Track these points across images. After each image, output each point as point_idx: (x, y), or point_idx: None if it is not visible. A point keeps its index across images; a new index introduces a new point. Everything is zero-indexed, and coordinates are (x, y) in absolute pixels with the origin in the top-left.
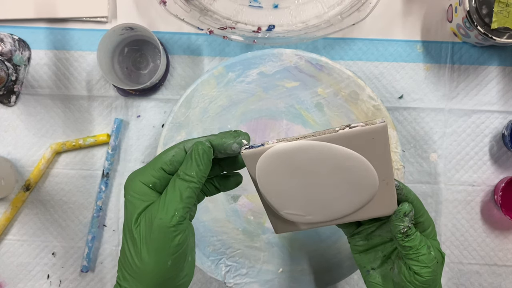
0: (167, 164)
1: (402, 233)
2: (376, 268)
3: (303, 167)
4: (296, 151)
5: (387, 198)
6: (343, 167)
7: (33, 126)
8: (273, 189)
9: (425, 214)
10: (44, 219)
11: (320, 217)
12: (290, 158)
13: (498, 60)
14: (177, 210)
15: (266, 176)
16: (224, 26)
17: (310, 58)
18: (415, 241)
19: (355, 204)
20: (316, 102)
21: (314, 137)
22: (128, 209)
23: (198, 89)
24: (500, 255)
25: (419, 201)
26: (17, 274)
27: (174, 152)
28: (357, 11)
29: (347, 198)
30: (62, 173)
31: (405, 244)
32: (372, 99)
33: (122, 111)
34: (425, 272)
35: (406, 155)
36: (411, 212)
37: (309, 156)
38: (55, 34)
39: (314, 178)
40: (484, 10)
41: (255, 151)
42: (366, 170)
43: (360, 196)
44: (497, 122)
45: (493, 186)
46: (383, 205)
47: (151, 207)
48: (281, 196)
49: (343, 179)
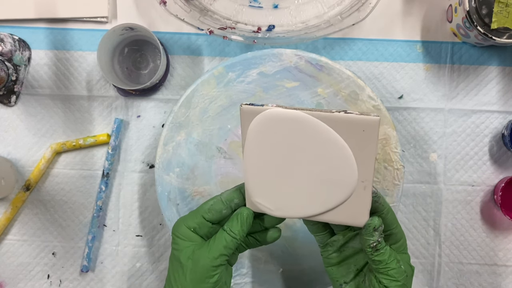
0: (206, 212)
1: (372, 247)
2: (348, 282)
3: (290, 141)
4: (289, 120)
5: (361, 205)
6: (328, 152)
7: (33, 126)
8: (255, 162)
9: (398, 226)
10: (44, 219)
11: (290, 213)
12: (282, 125)
13: (498, 60)
14: (220, 255)
15: (255, 139)
16: (224, 26)
17: (310, 58)
18: (385, 256)
19: (328, 202)
20: (316, 102)
21: (310, 111)
22: (177, 246)
23: (198, 89)
24: (500, 255)
25: (393, 213)
26: (17, 274)
27: (212, 202)
28: (357, 11)
29: (321, 193)
30: (62, 173)
31: (375, 258)
32: (372, 99)
33: (122, 111)
34: (394, 285)
35: (406, 155)
36: (381, 227)
37: (299, 129)
38: (55, 34)
39: (297, 158)
40: (484, 10)
41: (254, 109)
42: (348, 163)
43: (335, 193)
44: (497, 122)
45: (493, 186)
46: (356, 212)
47: (199, 249)
48: (259, 176)
49: (323, 168)
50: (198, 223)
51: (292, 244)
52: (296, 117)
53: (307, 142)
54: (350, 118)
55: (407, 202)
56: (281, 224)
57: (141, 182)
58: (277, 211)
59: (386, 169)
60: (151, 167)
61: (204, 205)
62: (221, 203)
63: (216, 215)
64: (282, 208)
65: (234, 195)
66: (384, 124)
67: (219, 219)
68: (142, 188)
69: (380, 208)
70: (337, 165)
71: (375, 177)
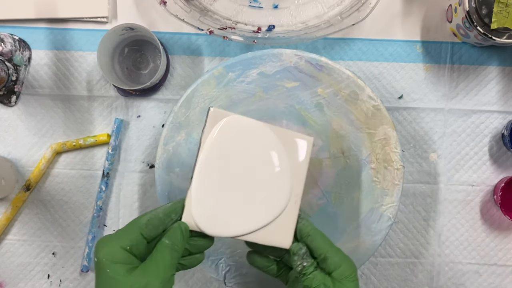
0: (143, 228)
1: (298, 271)
2: None
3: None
4: (246, 129)
5: (288, 225)
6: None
7: (34, 126)
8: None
9: (333, 251)
10: (44, 219)
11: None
12: (239, 134)
13: (498, 60)
14: (171, 275)
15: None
16: (224, 26)
17: (310, 58)
18: (311, 281)
19: (262, 218)
20: (316, 102)
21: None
22: (112, 274)
23: (198, 89)
24: (500, 255)
25: (323, 236)
26: (17, 274)
27: (149, 217)
28: (357, 11)
29: (257, 208)
30: (62, 173)
31: (304, 283)
32: (372, 99)
33: (122, 111)
34: None
35: (406, 155)
36: (300, 251)
37: (252, 139)
38: (56, 34)
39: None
40: (483, 10)
41: (221, 113)
42: (285, 176)
43: (270, 208)
44: (496, 122)
45: (492, 186)
46: (282, 233)
47: (142, 274)
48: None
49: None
50: (134, 241)
51: None
52: (252, 126)
53: (256, 153)
54: (290, 134)
55: (407, 202)
56: None
57: (141, 182)
58: (212, 229)
59: (386, 169)
60: (151, 167)
61: (139, 220)
62: (158, 219)
63: (154, 231)
64: (217, 225)
65: (171, 210)
66: (384, 124)
67: (154, 236)
68: (142, 188)
69: (304, 230)
70: (276, 179)
71: (375, 177)
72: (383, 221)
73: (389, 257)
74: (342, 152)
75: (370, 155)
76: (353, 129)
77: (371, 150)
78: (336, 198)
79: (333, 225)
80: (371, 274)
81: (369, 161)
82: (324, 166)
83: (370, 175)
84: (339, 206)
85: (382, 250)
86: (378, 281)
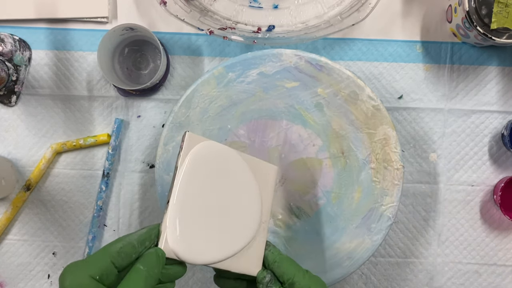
0: (115, 256)
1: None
2: None
3: (215, 177)
4: (220, 155)
5: (257, 252)
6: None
7: (34, 126)
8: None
9: (298, 276)
10: (44, 219)
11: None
12: (213, 160)
13: (498, 60)
14: None
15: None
16: (224, 26)
17: (310, 58)
18: None
19: (234, 245)
20: (316, 102)
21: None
22: None
23: (198, 89)
24: (500, 255)
25: (290, 261)
26: (17, 274)
27: (121, 245)
28: (357, 11)
29: (230, 235)
30: (62, 173)
31: None
32: (371, 99)
33: (123, 111)
34: None
35: (406, 155)
36: (264, 280)
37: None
38: (56, 34)
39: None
40: (483, 10)
41: (198, 137)
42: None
43: (241, 235)
44: (496, 122)
45: (492, 186)
46: (251, 260)
47: None
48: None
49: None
50: (105, 270)
51: (292, 244)
52: (225, 153)
53: (228, 180)
54: (258, 162)
55: (406, 202)
56: (281, 224)
57: (141, 182)
58: (188, 256)
59: (385, 169)
60: (152, 167)
61: (110, 247)
62: (131, 246)
63: (126, 259)
64: (193, 252)
65: (146, 237)
66: (383, 124)
67: (127, 265)
68: (142, 188)
69: (270, 257)
70: (247, 205)
71: (375, 177)
72: (383, 221)
73: (389, 257)
74: (342, 152)
75: (370, 155)
76: (353, 129)
77: (371, 150)
78: (336, 198)
79: (333, 225)
80: (371, 274)
81: (369, 161)
82: (324, 166)
83: (370, 175)
84: (339, 206)
85: (382, 250)
86: (378, 281)
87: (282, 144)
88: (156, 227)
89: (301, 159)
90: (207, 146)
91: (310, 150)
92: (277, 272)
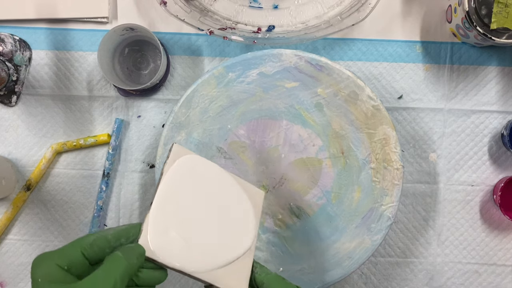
0: (86, 248)
1: None
2: None
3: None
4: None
5: (243, 271)
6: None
7: (34, 126)
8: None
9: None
10: (45, 218)
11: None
12: (201, 173)
13: (497, 61)
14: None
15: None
16: (224, 26)
17: (310, 58)
18: None
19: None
20: (316, 102)
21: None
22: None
23: (198, 89)
24: (500, 254)
25: (279, 284)
26: (18, 273)
27: (95, 237)
28: (357, 11)
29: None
30: (63, 173)
31: None
32: (371, 99)
33: (123, 111)
34: None
35: (406, 155)
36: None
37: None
38: (56, 34)
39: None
40: (483, 10)
41: (184, 150)
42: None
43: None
44: (496, 122)
45: (492, 186)
46: (238, 277)
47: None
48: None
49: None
50: (74, 260)
51: (292, 244)
52: (212, 169)
53: (219, 195)
54: (245, 184)
55: (406, 202)
56: (281, 224)
57: (142, 182)
58: (168, 260)
59: (385, 169)
60: (152, 167)
61: (83, 239)
62: (105, 240)
63: (98, 253)
64: (174, 257)
65: (122, 234)
66: (383, 124)
67: (97, 259)
68: (142, 188)
69: (258, 278)
70: (237, 222)
71: (375, 177)
72: (383, 221)
73: (389, 257)
74: (342, 152)
75: (369, 155)
76: (353, 129)
77: (370, 150)
78: (336, 198)
79: (333, 225)
80: (371, 274)
81: (368, 161)
82: (324, 166)
83: (369, 175)
84: (339, 206)
85: (382, 250)
86: (378, 281)
87: (282, 144)
88: (137, 226)
89: (301, 159)
90: (193, 159)
91: (310, 150)
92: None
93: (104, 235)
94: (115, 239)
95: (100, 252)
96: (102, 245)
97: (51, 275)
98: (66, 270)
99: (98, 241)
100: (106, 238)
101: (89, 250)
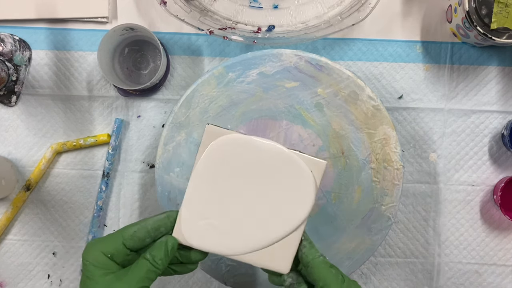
0: (128, 239)
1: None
2: None
3: (244, 170)
4: (249, 146)
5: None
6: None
7: (34, 126)
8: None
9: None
10: (44, 219)
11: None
12: (240, 153)
13: (498, 60)
14: (141, 287)
15: (209, 163)
16: (224, 26)
17: (310, 58)
18: None
19: (264, 239)
20: (316, 102)
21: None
22: (90, 274)
23: (198, 89)
24: (500, 254)
25: (325, 270)
26: (17, 274)
27: (136, 229)
28: (357, 11)
29: (261, 228)
30: (62, 173)
31: None
32: (371, 99)
33: (123, 111)
34: None
35: (406, 155)
36: (285, 283)
37: (258, 158)
38: (56, 34)
39: (245, 190)
40: (483, 10)
41: (218, 130)
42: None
43: (274, 230)
44: (496, 122)
45: (492, 186)
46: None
47: (116, 279)
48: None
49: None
50: (116, 250)
51: None
52: (258, 146)
53: (263, 172)
54: (302, 158)
55: (406, 202)
56: None
57: (142, 182)
58: (204, 246)
59: (385, 169)
60: (152, 167)
61: (125, 230)
62: (145, 231)
63: (139, 243)
64: (210, 242)
65: (161, 224)
66: (383, 124)
67: (140, 247)
68: (142, 188)
69: (304, 259)
70: (284, 202)
71: (375, 177)
72: (383, 221)
73: (389, 257)
74: (342, 152)
75: (370, 155)
76: (353, 129)
77: (371, 150)
78: (336, 198)
79: (333, 225)
80: (371, 274)
81: (369, 161)
82: None
83: (370, 175)
84: (339, 206)
85: (382, 250)
86: (378, 281)
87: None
88: (174, 213)
89: None
90: (232, 138)
91: (310, 150)
92: (309, 277)
93: (144, 226)
94: (154, 229)
95: (139, 242)
96: (142, 236)
97: (97, 260)
98: (109, 258)
99: (139, 233)
100: (146, 229)
101: (130, 241)
